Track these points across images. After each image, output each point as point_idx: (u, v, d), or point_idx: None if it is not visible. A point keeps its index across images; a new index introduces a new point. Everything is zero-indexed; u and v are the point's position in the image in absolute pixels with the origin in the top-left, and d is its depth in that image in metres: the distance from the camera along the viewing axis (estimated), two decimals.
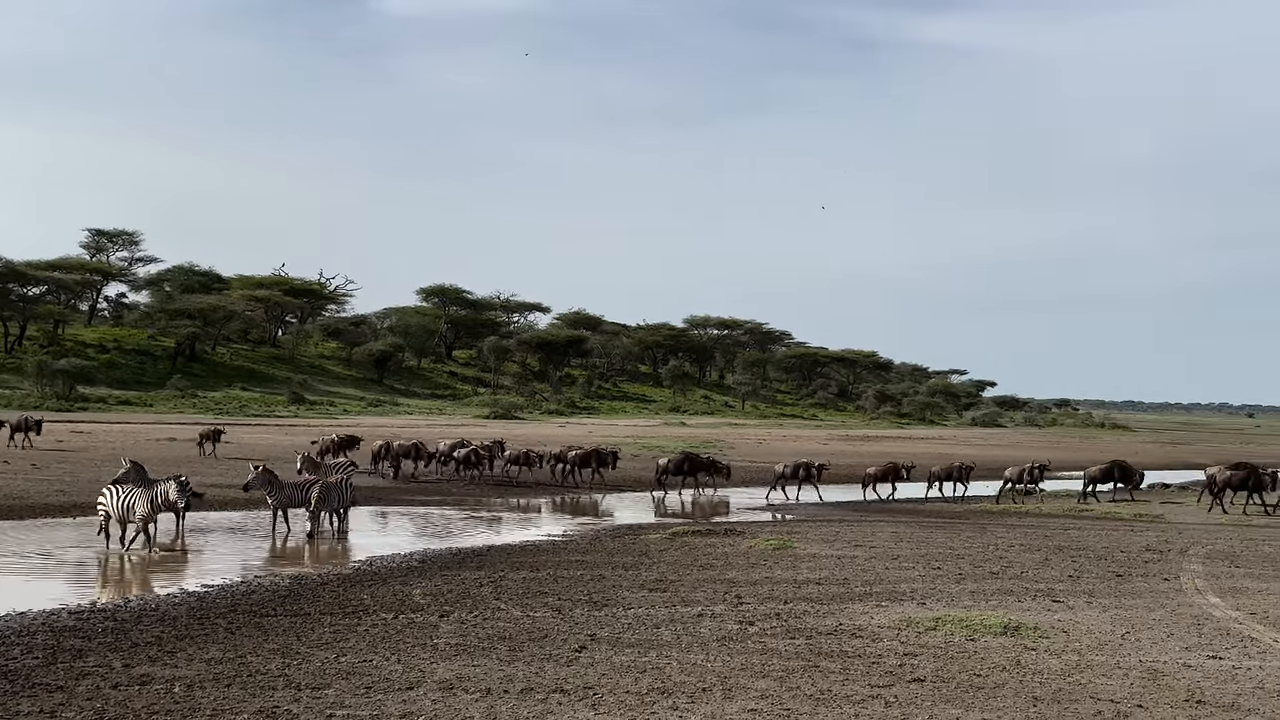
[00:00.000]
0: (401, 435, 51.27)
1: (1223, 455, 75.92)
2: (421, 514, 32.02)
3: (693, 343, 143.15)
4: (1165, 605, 18.35)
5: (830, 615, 17.03)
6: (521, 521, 31.57)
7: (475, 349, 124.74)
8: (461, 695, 12.20)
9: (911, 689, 12.76)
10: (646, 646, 14.63)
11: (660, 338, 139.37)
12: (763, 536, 26.15)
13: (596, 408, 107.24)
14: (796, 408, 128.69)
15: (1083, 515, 35.49)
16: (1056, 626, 16.33)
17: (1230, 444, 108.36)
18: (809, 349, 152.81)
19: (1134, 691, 12.81)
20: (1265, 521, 34.33)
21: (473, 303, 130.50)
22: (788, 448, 62.28)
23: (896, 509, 37.28)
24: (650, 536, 26.66)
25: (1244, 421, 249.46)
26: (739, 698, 12.26)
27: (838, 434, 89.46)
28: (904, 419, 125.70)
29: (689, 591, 18.94)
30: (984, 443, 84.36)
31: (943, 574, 21.32)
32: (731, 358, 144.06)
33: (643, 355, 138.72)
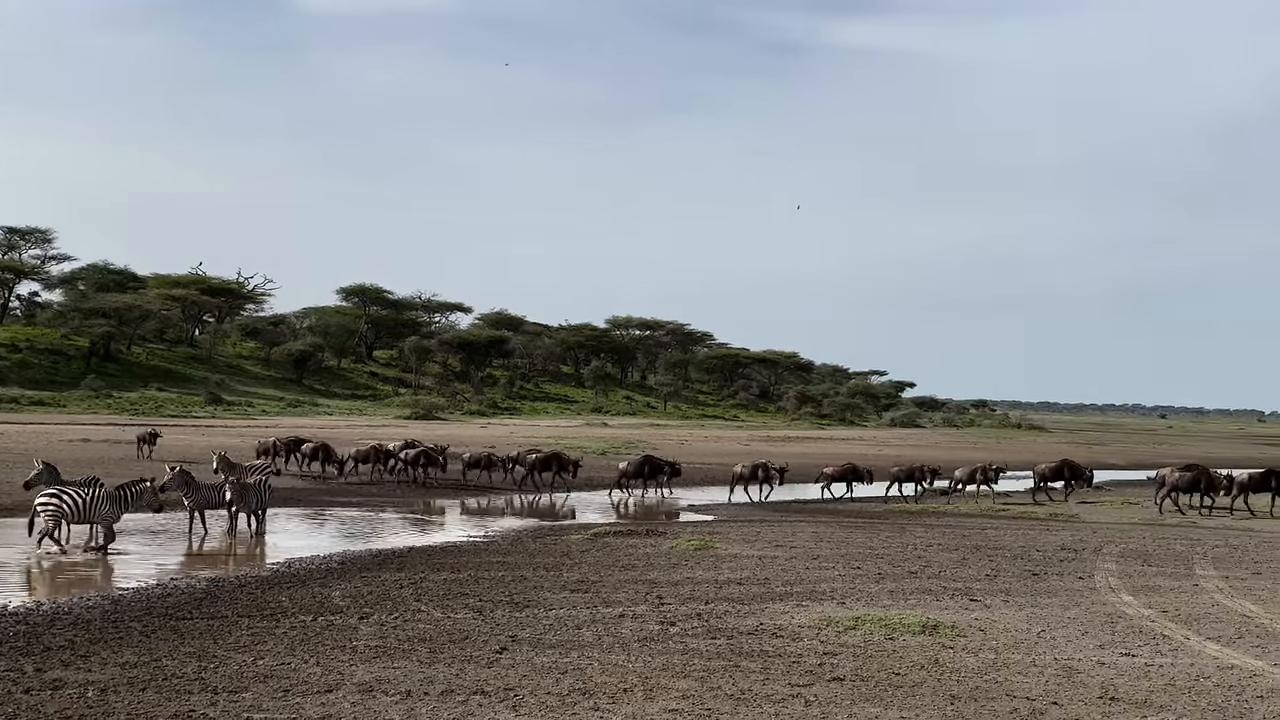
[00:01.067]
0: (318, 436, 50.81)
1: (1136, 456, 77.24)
2: (342, 515, 31.75)
3: (615, 343, 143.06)
4: (1080, 603, 18.61)
5: (751, 615, 17.10)
6: (443, 523, 31.42)
7: (396, 349, 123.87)
8: (381, 697, 12.11)
9: (831, 688, 12.85)
10: (568, 647, 14.61)
11: (582, 338, 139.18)
12: (685, 537, 26.21)
13: (518, 408, 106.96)
14: (718, 408, 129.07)
15: (999, 515, 35.92)
16: (974, 625, 16.51)
17: (1144, 445, 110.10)
18: (731, 350, 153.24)
19: (1049, 689, 12.98)
20: (1177, 520, 34.93)
21: (393, 302, 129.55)
22: (709, 448, 62.45)
23: (817, 509, 37.52)
24: (572, 537, 26.63)
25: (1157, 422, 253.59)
26: (660, 698, 12.28)
27: (759, 435, 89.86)
28: (824, 420, 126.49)
29: (611, 592, 18.94)
30: (902, 443, 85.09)
31: (862, 573, 21.48)
32: (653, 358, 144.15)
33: (565, 356, 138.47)
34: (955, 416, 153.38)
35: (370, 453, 43.06)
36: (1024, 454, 73.65)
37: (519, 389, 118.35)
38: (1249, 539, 29.18)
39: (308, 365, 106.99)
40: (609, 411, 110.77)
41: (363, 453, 43.12)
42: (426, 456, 41.73)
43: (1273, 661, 14.53)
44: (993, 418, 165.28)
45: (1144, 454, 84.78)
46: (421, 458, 41.71)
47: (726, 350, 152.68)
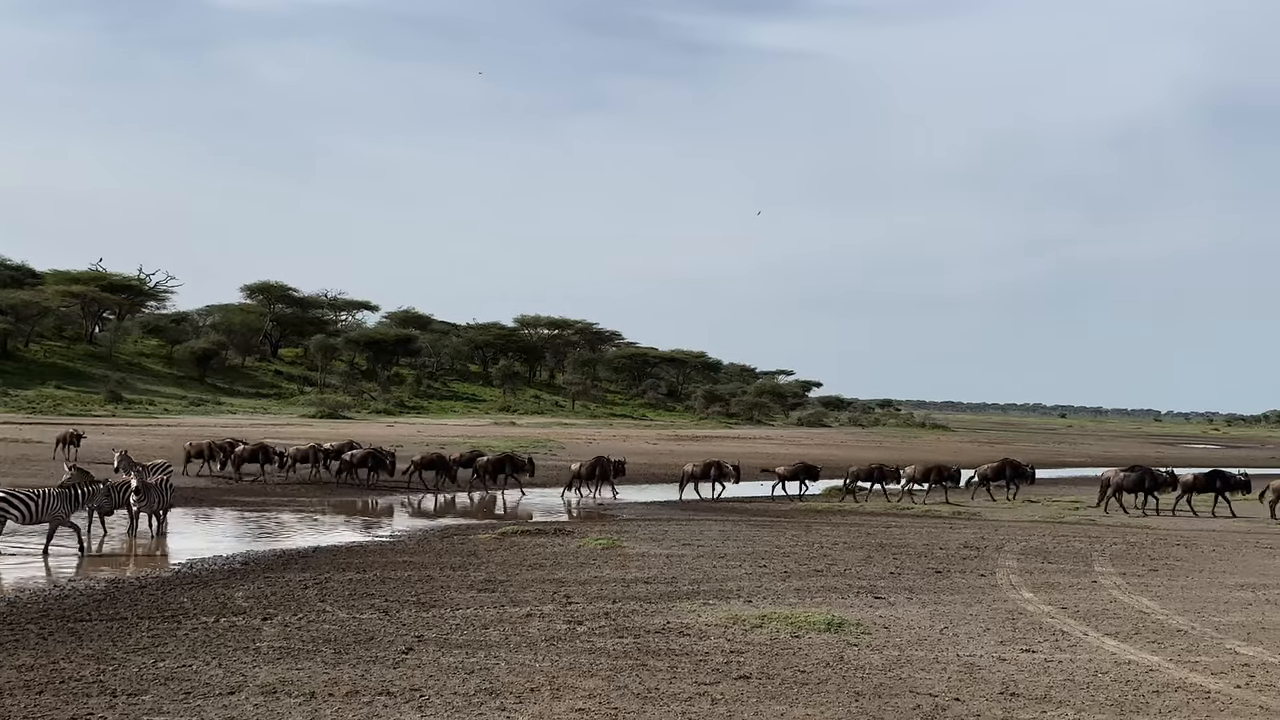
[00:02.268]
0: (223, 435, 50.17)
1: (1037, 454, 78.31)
2: (247, 516, 31.37)
3: (523, 342, 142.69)
4: (982, 601, 18.87)
5: (658, 614, 17.14)
6: (349, 523, 31.13)
7: (302, 347, 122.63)
8: (284, 699, 11.99)
9: (737, 686, 12.91)
10: (474, 647, 14.56)
11: (490, 337, 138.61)
12: (592, 536, 26.22)
13: (426, 407, 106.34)
14: (627, 407, 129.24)
15: (904, 513, 36.31)
16: (878, 623, 16.68)
17: (1045, 443, 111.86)
18: (639, 349, 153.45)
19: (952, 685, 13.15)
20: (1077, 518, 35.51)
21: (299, 300, 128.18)
22: (617, 447, 62.42)
23: (723, 508, 37.68)
24: (479, 537, 26.53)
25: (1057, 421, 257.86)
26: (567, 697, 12.27)
27: (667, 434, 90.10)
28: (732, 419, 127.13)
29: (518, 591, 18.89)
30: (809, 442, 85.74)
31: (769, 572, 21.61)
32: (562, 357, 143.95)
33: (473, 355, 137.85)
34: (861, 416, 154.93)
35: (309, 452, 42.51)
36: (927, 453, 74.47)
37: (426, 388, 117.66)
38: (1146, 536, 29.75)
39: (211, 363, 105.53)
40: (517, 411, 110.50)
41: (301, 452, 42.57)
42: (374, 458, 41.15)
43: (1168, 657, 14.83)
44: (898, 417, 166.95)
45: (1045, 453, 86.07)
46: (369, 459, 41.12)
47: (635, 349, 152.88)
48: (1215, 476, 38.94)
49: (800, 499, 41.27)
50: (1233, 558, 25.69)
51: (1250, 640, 16.03)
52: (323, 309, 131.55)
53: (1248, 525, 34.34)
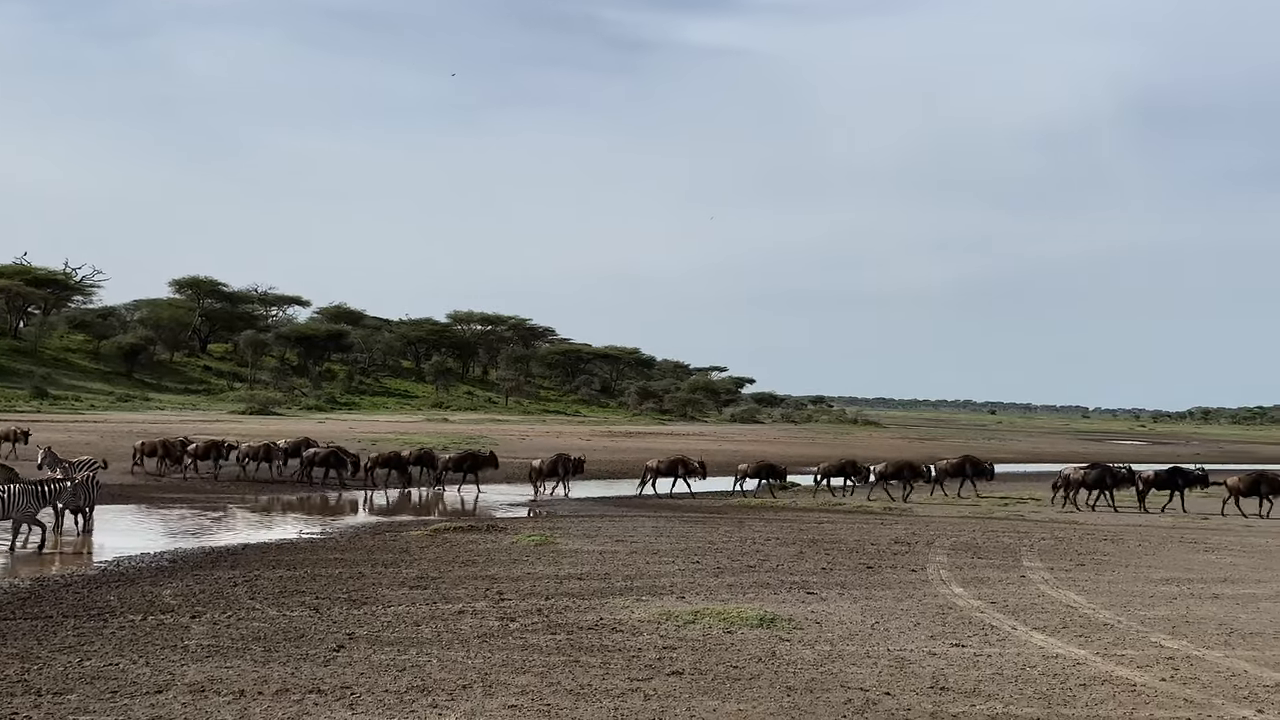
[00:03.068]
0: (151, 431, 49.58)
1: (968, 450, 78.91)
2: (176, 513, 31.03)
3: (456, 338, 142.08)
4: (912, 595, 19.01)
5: (591, 610, 17.12)
6: (281, 520, 30.88)
7: (231, 343, 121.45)
8: (213, 698, 11.87)
9: (670, 681, 12.93)
10: (406, 644, 14.48)
11: (423, 333, 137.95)
12: (525, 532, 26.17)
13: (358, 403, 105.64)
14: (560, 403, 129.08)
15: (836, 509, 36.51)
16: (810, 618, 16.76)
17: (975, 440, 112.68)
18: (572, 345, 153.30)
19: (882, 680, 13.23)
20: (1005, 513, 35.87)
21: (228, 295, 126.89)
22: (550, 444, 62.34)
23: (656, 504, 37.72)
24: (412, 533, 26.40)
25: (987, 418, 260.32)
26: (499, 694, 12.24)
27: (600, 430, 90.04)
28: (666, 415, 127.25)
29: (450, 588, 18.82)
30: (741, 438, 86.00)
31: (702, 568, 21.66)
32: (495, 354, 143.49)
33: (405, 351, 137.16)
34: (794, 412, 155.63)
35: (261, 450, 42.02)
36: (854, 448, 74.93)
37: (358, 384, 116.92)
38: (1074, 532, 30.10)
39: (138, 359, 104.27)
40: (450, 407, 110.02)
41: (254, 449, 42.07)
42: (336, 457, 40.63)
43: (1095, 650, 15.02)
44: (830, 414, 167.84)
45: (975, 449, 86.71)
46: (331, 457, 40.59)
47: (568, 346, 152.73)
48: (1175, 473, 39.50)
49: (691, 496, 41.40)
50: (1158, 553, 26.05)
51: (1175, 634, 16.27)
52: (253, 304, 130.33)
53: (1173, 520, 34.86)
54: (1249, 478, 38.01)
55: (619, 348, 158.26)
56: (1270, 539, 29.76)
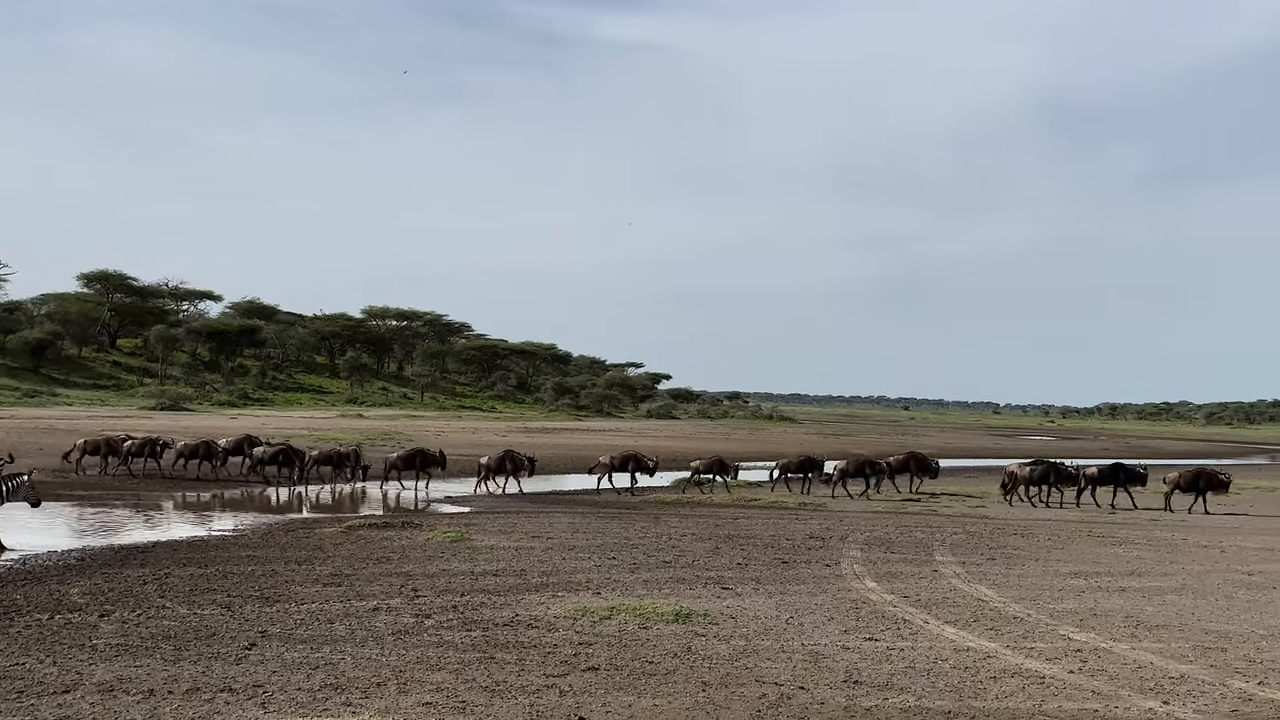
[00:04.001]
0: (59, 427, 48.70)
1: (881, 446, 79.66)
2: (86, 510, 30.50)
3: (371, 334, 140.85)
4: (827, 590, 19.16)
5: (507, 606, 17.08)
6: (194, 518, 30.49)
7: (141, 338, 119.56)
8: (122, 697, 11.70)
9: (586, 677, 12.93)
10: (320, 642, 14.36)
11: (337, 328, 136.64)
12: (441, 529, 26.05)
13: (271, 399, 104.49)
14: (476, 399, 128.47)
15: (751, 505, 36.67)
16: (725, 613, 16.84)
17: (889, 435, 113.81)
18: (489, 341, 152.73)
19: (797, 674, 13.32)
20: (918, 508, 36.23)
21: (138, 290, 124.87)
22: (466, 439, 62.11)
23: (573, 500, 37.69)
24: (326, 530, 26.18)
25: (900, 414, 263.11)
26: (414, 691, 12.17)
27: (516, 426, 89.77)
28: (582, 411, 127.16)
29: (364, 585, 18.69)
30: (657, 434, 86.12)
31: (618, 564, 21.68)
32: (410, 349, 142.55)
33: (319, 346, 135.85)
34: (710, 408, 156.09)
35: (200, 447, 41.36)
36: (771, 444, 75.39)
37: (271, 379, 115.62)
38: (985, 526, 30.48)
39: (45, 354, 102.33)
40: (365, 403, 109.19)
41: (191, 447, 41.39)
42: (285, 455, 40.08)
43: (1005, 643, 15.22)
44: (745, 409, 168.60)
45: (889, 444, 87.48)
46: (282, 455, 40.06)
47: (485, 341, 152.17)
48: (1117, 469, 40.13)
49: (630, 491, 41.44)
50: (1067, 546, 26.45)
51: (1083, 626, 16.54)
52: (163, 299, 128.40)
53: (1081, 515, 35.42)
54: (1189, 474, 38.91)
55: (535, 344, 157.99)
56: (1175, 533, 30.33)
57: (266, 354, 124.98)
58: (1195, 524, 33.37)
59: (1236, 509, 38.25)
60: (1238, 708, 12.36)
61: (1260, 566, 23.88)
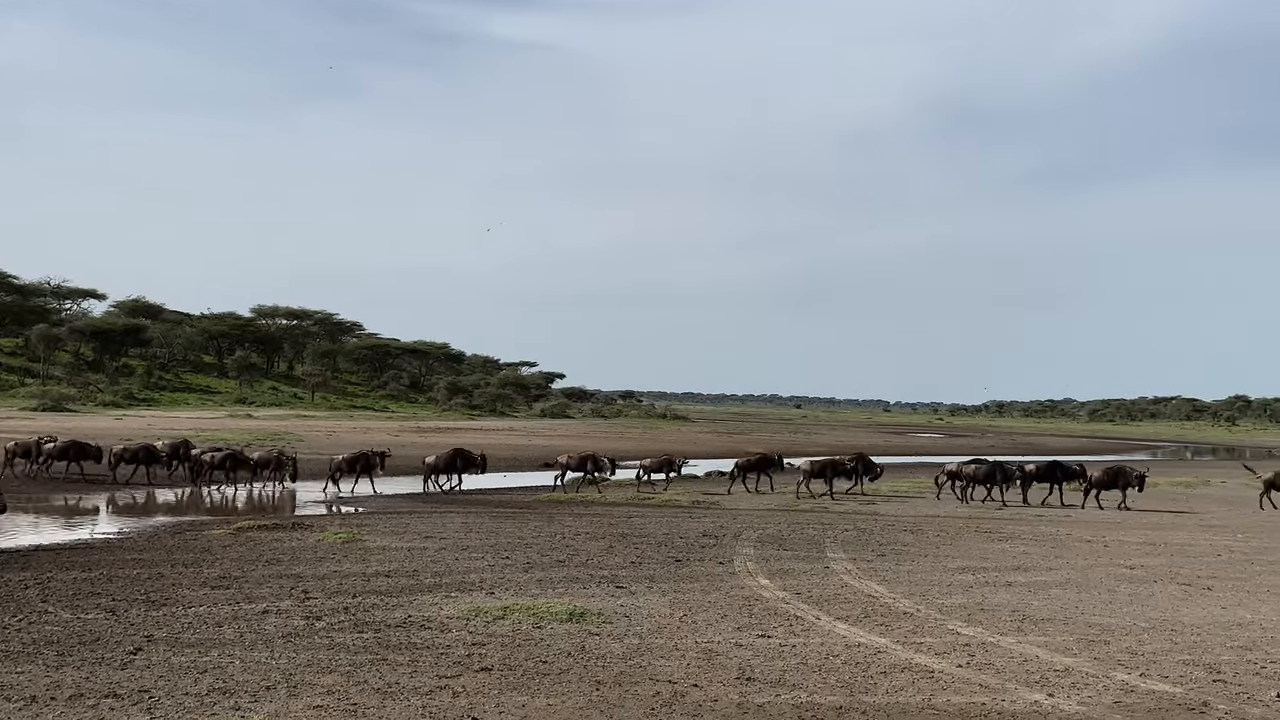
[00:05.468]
0: None
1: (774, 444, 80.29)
2: None
3: (260, 333, 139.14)
4: (720, 588, 19.25)
5: (399, 608, 16.94)
6: (79, 521, 29.84)
7: (22, 337, 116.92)
8: (3, 704, 11.41)
9: (479, 678, 12.87)
10: (208, 645, 14.13)
11: (226, 327, 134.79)
12: (332, 530, 25.77)
13: (157, 399, 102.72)
14: (368, 399, 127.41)
15: (645, 503, 36.72)
16: (619, 612, 16.85)
17: (781, 433, 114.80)
18: (381, 340, 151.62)
19: (690, 671, 13.37)
20: (810, 506, 36.54)
21: (19, 288, 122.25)
22: (357, 439, 61.53)
23: (466, 500, 37.49)
24: (214, 532, 25.78)
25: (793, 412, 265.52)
26: (304, 694, 12.03)
27: (409, 425, 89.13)
28: (475, 411, 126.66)
29: (254, 587, 18.43)
30: (552, 433, 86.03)
31: (511, 563, 21.61)
32: (301, 348, 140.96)
33: (207, 346, 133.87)
34: (604, 407, 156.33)
35: (140, 451, 40.45)
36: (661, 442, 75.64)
37: (158, 379, 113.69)
38: (875, 523, 30.83)
39: None
40: (254, 403, 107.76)
41: (131, 450, 40.47)
42: (234, 459, 39.30)
43: (895, 639, 15.41)
44: (639, 408, 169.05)
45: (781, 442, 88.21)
46: (228, 460, 39.20)
47: (376, 340, 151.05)
48: (1054, 467, 40.72)
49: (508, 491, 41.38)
50: (956, 542, 26.85)
51: (971, 621, 16.79)
52: (45, 297, 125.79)
53: (969, 511, 35.96)
54: (1109, 471, 39.73)
55: (428, 343, 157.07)
56: (1060, 528, 30.92)
57: (152, 353, 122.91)
58: (1080, 519, 34.05)
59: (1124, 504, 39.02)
60: (1120, 699, 12.62)
61: (1141, 560, 24.44)
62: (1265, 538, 29.95)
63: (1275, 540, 29.37)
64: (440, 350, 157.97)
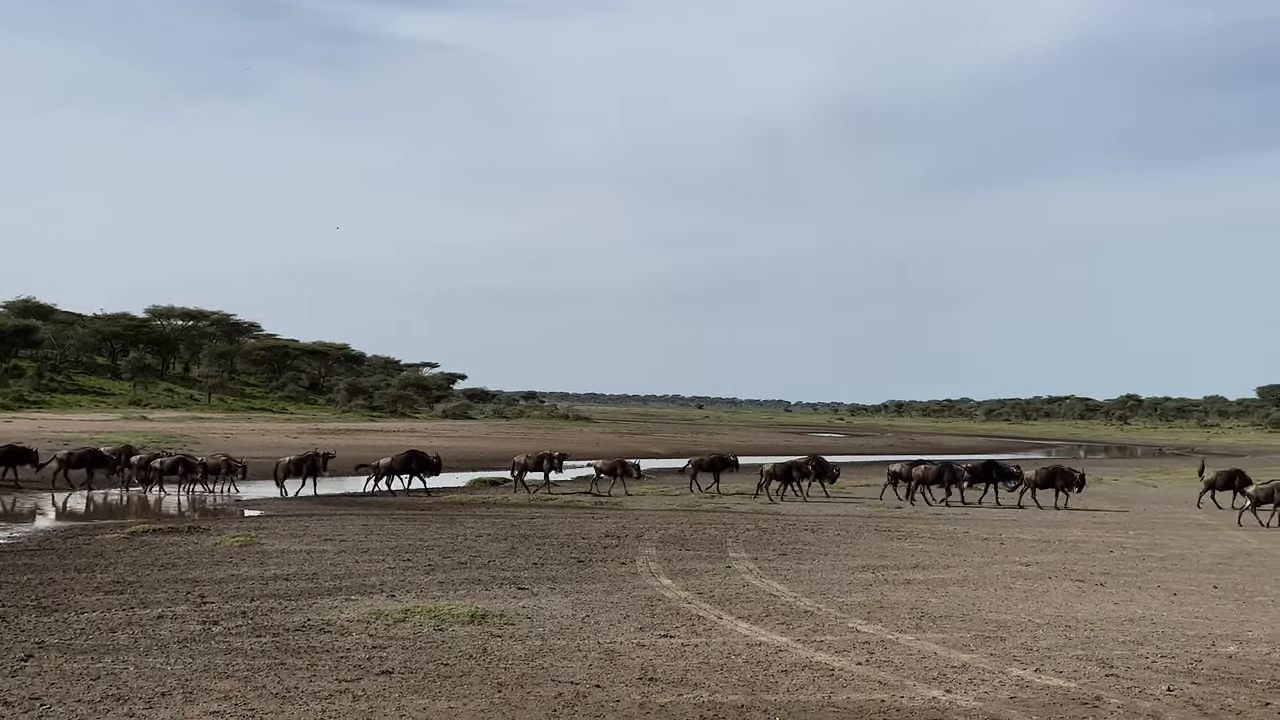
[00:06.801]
0: None
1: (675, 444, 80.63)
2: None
3: (155, 334, 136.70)
4: (622, 588, 19.27)
5: (298, 611, 16.75)
6: None
7: None
8: None
9: (380, 681, 12.76)
10: (101, 652, 13.86)
11: (120, 328, 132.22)
12: (229, 533, 25.42)
13: (48, 401, 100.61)
14: (266, 400, 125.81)
15: (547, 504, 36.66)
16: (521, 613, 16.80)
17: (683, 434, 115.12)
18: (279, 341, 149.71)
19: (593, 672, 13.36)
20: (712, 506, 36.67)
21: None
22: (256, 441, 60.78)
23: (367, 502, 37.18)
24: (107, 537, 25.30)
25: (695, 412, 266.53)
26: (201, 700, 11.85)
27: (308, 427, 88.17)
28: (376, 412, 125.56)
29: (149, 593, 18.12)
30: (453, 434, 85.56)
31: (413, 566, 21.46)
32: (197, 349, 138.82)
33: (100, 346, 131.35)
34: (505, 408, 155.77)
35: (86, 455, 39.44)
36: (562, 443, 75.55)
37: (49, 381, 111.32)
38: (776, 522, 31.03)
39: None
40: (149, 405, 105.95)
41: (77, 456, 39.45)
42: (184, 464, 38.43)
43: (796, 637, 15.52)
44: (541, 409, 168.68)
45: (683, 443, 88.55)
46: (180, 465, 38.37)
47: (275, 341, 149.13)
48: (990, 466, 41.11)
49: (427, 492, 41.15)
50: (855, 541, 27.11)
51: (870, 619, 16.96)
52: None
53: (869, 510, 36.33)
54: (1045, 470, 40.35)
55: (328, 344, 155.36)
56: (958, 526, 31.34)
57: (43, 355, 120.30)
58: (977, 517, 34.54)
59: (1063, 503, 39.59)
60: (1015, 694, 12.82)
61: (1036, 557, 24.85)
62: (1156, 534, 30.61)
63: (1166, 536, 30.03)
64: (340, 351, 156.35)
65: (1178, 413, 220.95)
